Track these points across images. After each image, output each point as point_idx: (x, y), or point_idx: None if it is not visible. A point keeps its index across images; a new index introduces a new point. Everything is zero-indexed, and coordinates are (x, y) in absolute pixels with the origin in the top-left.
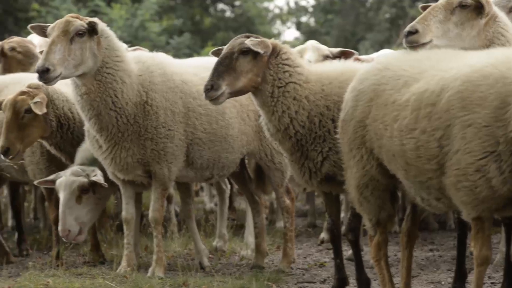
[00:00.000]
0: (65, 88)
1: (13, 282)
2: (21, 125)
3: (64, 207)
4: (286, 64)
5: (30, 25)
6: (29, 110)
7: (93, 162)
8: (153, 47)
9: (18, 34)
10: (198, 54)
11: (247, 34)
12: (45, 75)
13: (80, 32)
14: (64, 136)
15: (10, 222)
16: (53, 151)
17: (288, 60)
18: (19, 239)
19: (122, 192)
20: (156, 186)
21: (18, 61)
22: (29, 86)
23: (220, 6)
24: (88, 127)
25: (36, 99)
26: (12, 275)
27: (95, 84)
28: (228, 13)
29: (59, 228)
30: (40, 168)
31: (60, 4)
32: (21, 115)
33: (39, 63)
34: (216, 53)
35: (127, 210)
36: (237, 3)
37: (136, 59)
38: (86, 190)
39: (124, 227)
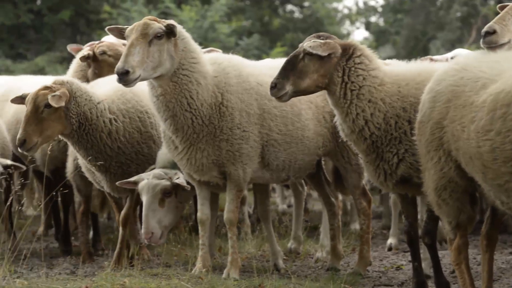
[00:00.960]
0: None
1: (90, 282)
2: (40, 119)
3: (148, 210)
4: (360, 68)
5: (108, 27)
6: (49, 105)
7: (174, 165)
8: (223, 48)
9: (89, 36)
10: (267, 55)
11: (319, 33)
12: (125, 77)
13: (159, 35)
14: (80, 137)
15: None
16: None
17: (361, 64)
18: (94, 239)
19: (197, 193)
20: (231, 187)
21: (109, 64)
22: (54, 82)
23: (289, 7)
24: (164, 128)
25: (55, 93)
26: (88, 275)
27: (171, 86)
28: (297, 14)
29: (143, 230)
30: None
31: (131, 6)
32: (40, 109)
33: (118, 65)
34: None
35: (202, 211)
36: (306, 4)
37: (212, 60)
38: (169, 193)
39: (200, 228)
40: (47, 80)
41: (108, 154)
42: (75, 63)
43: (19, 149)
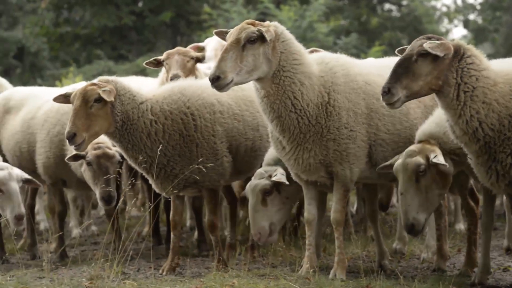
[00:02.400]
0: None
1: (200, 283)
2: (89, 114)
3: (252, 211)
4: (472, 68)
5: (215, 30)
6: (98, 100)
7: (278, 161)
8: (321, 48)
9: (190, 37)
10: (365, 54)
11: (429, 35)
12: (216, 82)
13: (252, 39)
14: (121, 137)
15: (188, 223)
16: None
17: (473, 64)
18: (199, 240)
19: (304, 193)
20: (338, 187)
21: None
22: (100, 80)
23: (387, 5)
24: (271, 129)
25: (105, 88)
26: (195, 276)
27: (273, 87)
28: (394, 13)
29: (251, 231)
30: None
31: (231, 7)
32: (90, 104)
33: (211, 71)
34: (401, 52)
35: (309, 211)
36: (404, 2)
37: (319, 60)
38: (269, 191)
39: (306, 228)
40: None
41: (149, 155)
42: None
43: (68, 144)
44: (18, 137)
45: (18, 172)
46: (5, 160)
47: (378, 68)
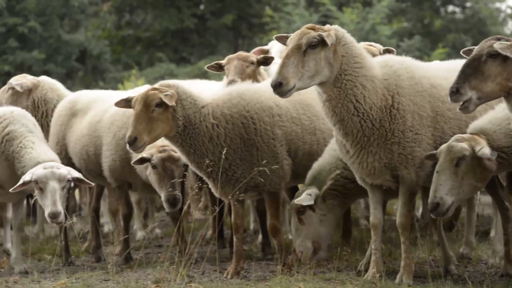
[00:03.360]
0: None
1: (266, 286)
2: (150, 118)
3: (293, 229)
4: None
5: (275, 35)
6: (159, 104)
7: (313, 180)
8: None
9: (251, 40)
10: (428, 56)
11: (498, 36)
12: (278, 88)
13: (313, 44)
14: (183, 141)
15: (252, 226)
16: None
17: None
18: (264, 243)
19: (370, 196)
20: (404, 191)
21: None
22: (161, 85)
23: (451, 7)
24: (335, 133)
25: (167, 93)
26: (260, 279)
27: (335, 91)
28: (458, 15)
29: (295, 250)
30: None
31: (293, 10)
32: (151, 108)
33: (273, 77)
34: (466, 53)
35: (375, 215)
36: (468, 4)
37: (383, 63)
38: (302, 211)
39: (372, 232)
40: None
41: (211, 159)
42: None
43: (128, 147)
44: (84, 140)
45: (64, 172)
46: (71, 163)
47: (443, 70)
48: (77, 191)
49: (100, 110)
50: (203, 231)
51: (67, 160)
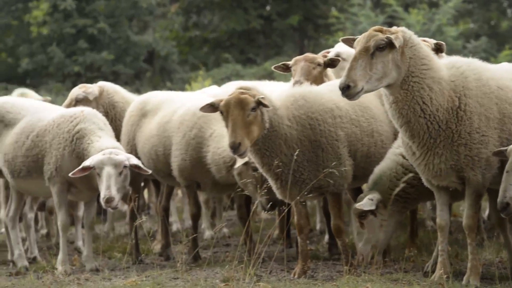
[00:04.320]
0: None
1: (333, 286)
2: (247, 122)
3: (355, 233)
4: None
5: (341, 38)
6: (254, 108)
7: (374, 185)
8: (450, 52)
9: (317, 40)
10: (495, 58)
11: None
12: (346, 91)
13: (381, 46)
14: (263, 144)
15: (318, 226)
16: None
17: None
18: (330, 243)
19: (436, 198)
20: (470, 192)
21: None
22: (241, 88)
23: None
24: (401, 134)
25: (263, 95)
26: (327, 279)
27: (402, 93)
28: None
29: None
30: None
31: (359, 11)
32: (247, 113)
33: (341, 80)
34: None
35: (442, 217)
36: None
37: (450, 64)
38: (363, 215)
39: (439, 234)
40: None
41: (283, 161)
42: None
43: (232, 153)
44: (153, 141)
45: (121, 158)
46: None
47: (511, 72)
48: (146, 191)
49: (169, 110)
50: (271, 230)
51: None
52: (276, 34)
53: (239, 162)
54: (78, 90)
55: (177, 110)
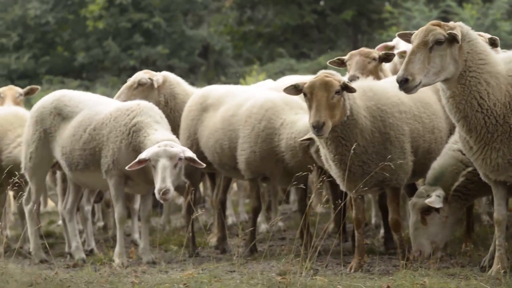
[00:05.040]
0: None
1: (391, 280)
2: (330, 105)
3: (412, 228)
4: None
5: (398, 33)
6: (338, 92)
7: (436, 181)
8: (504, 47)
9: (370, 35)
10: None
11: None
12: (404, 84)
13: (440, 41)
14: (341, 131)
15: (373, 220)
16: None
17: None
18: (386, 237)
19: (494, 193)
20: None
21: None
22: (328, 73)
23: None
24: (458, 129)
25: (343, 79)
26: (383, 273)
27: (459, 88)
28: None
29: (412, 248)
30: None
31: (412, 6)
32: (331, 95)
33: (399, 73)
34: None
35: (499, 211)
36: None
37: (508, 59)
38: (428, 211)
39: (496, 228)
40: None
41: (355, 152)
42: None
43: (313, 132)
44: (218, 135)
45: (176, 150)
46: (202, 157)
47: None
48: (201, 184)
49: (233, 104)
50: (327, 225)
51: (198, 154)
52: (329, 29)
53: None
54: (143, 75)
55: (242, 104)
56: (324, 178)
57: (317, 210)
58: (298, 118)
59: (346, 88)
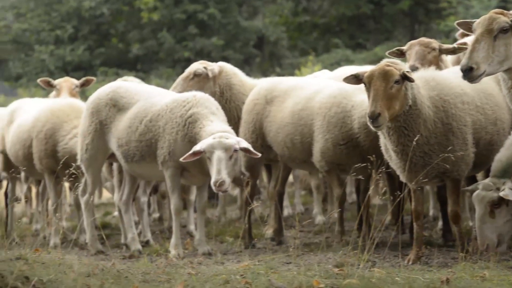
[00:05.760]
0: None
1: (450, 273)
2: (389, 95)
3: (479, 222)
4: None
5: (456, 21)
6: (397, 81)
7: (504, 173)
8: None
9: (427, 25)
10: None
11: None
12: (469, 73)
13: (505, 29)
14: (403, 121)
15: (431, 212)
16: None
17: None
18: (444, 229)
19: None
20: None
21: None
22: (390, 62)
23: None
24: None
25: (407, 69)
26: (441, 265)
27: None
28: None
29: (478, 241)
30: None
31: None
32: (390, 85)
33: (462, 62)
34: None
35: None
36: None
37: None
38: (497, 204)
39: None
40: None
41: (418, 143)
42: None
43: (369, 122)
44: (288, 129)
45: (231, 141)
46: (268, 151)
47: None
48: None
49: (302, 98)
50: (386, 216)
51: (264, 148)
52: (386, 19)
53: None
54: (198, 65)
55: (311, 97)
56: (383, 169)
57: (374, 202)
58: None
59: (405, 77)
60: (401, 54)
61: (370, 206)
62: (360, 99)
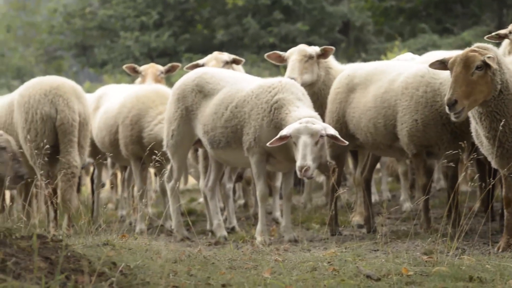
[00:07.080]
0: None
1: None
2: (469, 81)
3: None
4: None
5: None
6: (480, 67)
7: None
8: None
9: None
10: None
11: None
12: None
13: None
14: (495, 107)
15: None
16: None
17: None
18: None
19: None
20: None
21: None
22: (478, 47)
23: None
24: None
25: (490, 55)
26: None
27: None
28: None
29: None
30: None
31: None
32: (471, 71)
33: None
34: None
35: None
36: None
37: None
38: None
39: None
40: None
41: (510, 128)
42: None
43: (447, 110)
44: (370, 114)
45: (318, 127)
46: (352, 140)
47: None
48: None
49: (384, 81)
50: (475, 204)
51: (348, 137)
52: (474, 3)
53: None
54: (305, 47)
55: (394, 79)
56: (475, 155)
57: (463, 188)
58: None
59: (486, 64)
60: (500, 38)
61: (458, 193)
62: (447, 74)
